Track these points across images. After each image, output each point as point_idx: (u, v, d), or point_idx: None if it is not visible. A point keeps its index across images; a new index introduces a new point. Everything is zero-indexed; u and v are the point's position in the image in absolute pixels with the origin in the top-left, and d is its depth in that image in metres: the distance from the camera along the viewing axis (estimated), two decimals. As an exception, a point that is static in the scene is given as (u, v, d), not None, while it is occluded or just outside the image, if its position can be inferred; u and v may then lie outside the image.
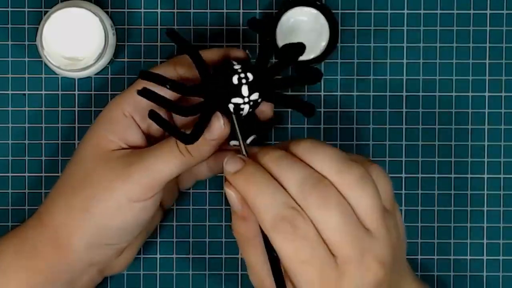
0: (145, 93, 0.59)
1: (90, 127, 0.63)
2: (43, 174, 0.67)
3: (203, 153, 0.59)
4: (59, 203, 0.60)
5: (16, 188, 0.67)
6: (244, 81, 0.59)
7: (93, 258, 0.61)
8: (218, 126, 0.59)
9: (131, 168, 0.59)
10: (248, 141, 0.62)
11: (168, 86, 0.59)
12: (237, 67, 0.60)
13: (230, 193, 0.57)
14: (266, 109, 0.63)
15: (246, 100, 0.60)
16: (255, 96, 0.60)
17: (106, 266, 0.64)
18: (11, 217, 0.68)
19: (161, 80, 0.59)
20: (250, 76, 0.60)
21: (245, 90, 0.59)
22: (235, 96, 0.60)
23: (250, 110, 0.61)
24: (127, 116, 0.61)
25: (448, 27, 0.68)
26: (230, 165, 0.57)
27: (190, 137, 0.58)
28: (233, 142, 0.61)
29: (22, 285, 0.60)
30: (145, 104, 0.60)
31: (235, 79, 0.59)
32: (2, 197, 0.68)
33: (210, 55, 0.63)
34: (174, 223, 0.69)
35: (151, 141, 0.63)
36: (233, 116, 0.62)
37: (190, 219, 0.69)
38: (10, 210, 0.68)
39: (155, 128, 0.62)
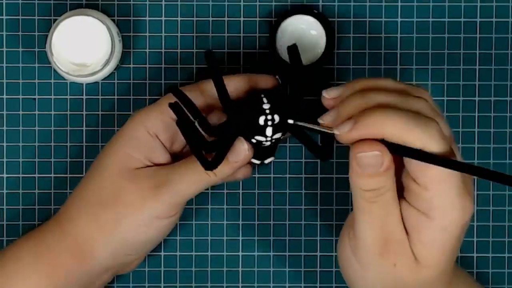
0: (177, 109, 0.59)
1: (113, 141, 0.63)
2: (52, 175, 0.68)
3: (225, 174, 0.61)
4: (86, 215, 0.61)
5: (27, 189, 0.68)
6: (270, 123, 0.60)
7: (112, 265, 0.63)
8: (243, 150, 0.60)
9: (161, 190, 0.60)
10: (267, 161, 0.63)
11: (196, 122, 0.59)
12: (266, 106, 0.60)
13: (375, 154, 0.54)
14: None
15: (269, 139, 0.61)
16: (278, 135, 0.61)
17: (121, 269, 0.65)
18: (22, 220, 0.69)
19: (193, 112, 0.59)
20: (276, 118, 0.60)
21: (269, 131, 0.60)
22: (258, 135, 0.60)
23: (272, 144, 0.62)
24: (152, 136, 0.61)
25: (440, 34, 0.69)
26: (348, 126, 0.54)
27: (212, 164, 0.59)
28: (252, 160, 0.62)
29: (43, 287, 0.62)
30: (171, 124, 0.61)
31: (261, 120, 0.59)
32: (14, 196, 0.68)
33: (237, 82, 0.63)
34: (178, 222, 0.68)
35: (174, 155, 0.64)
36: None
37: (193, 219, 0.69)
38: (20, 210, 0.68)
39: (177, 146, 0.63)
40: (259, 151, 0.62)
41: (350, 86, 0.57)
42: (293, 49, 0.62)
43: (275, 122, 0.60)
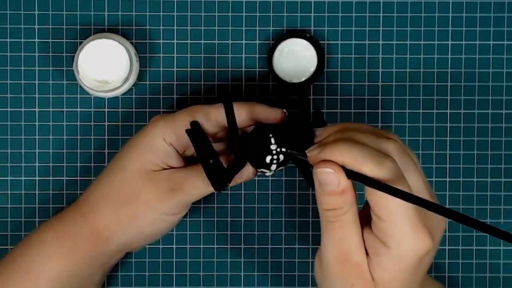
0: (194, 135, 0.62)
1: (133, 145, 0.65)
2: (78, 178, 0.71)
3: (229, 185, 0.63)
4: (105, 209, 0.64)
5: (56, 189, 0.71)
6: (275, 161, 0.62)
7: (125, 249, 0.66)
8: (247, 174, 0.63)
9: (175, 192, 0.63)
10: (267, 174, 0.64)
11: (211, 161, 0.61)
12: (273, 147, 0.61)
13: (328, 171, 0.55)
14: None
15: (272, 172, 0.63)
16: (280, 168, 0.63)
17: (131, 250, 0.68)
18: (51, 213, 0.72)
19: (209, 151, 0.61)
20: (281, 157, 0.61)
21: (274, 167, 0.62)
22: (264, 168, 0.62)
23: (275, 171, 0.63)
24: (168, 145, 0.64)
25: (416, 55, 0.72)
26: (317, 151, 0.56)
27: (221, 187, 0.61)
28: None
29: (66, 268, 0.63)
30: (183, 135, 0.63)
31: (268, 159, 0.61)
32: (44, 196, 0.71)
33: (245, 111, 0.64)
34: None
35: (185, 158, 0.66)
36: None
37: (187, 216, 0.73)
38: (51, 208, 0.72)
39: (189, 152, 0.66)
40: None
41: (334, 126, 0.59)
42: (317, 114, 0.63)
43: (280, 161, 0.62)
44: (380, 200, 0.53)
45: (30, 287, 0.63)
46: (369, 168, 0.53)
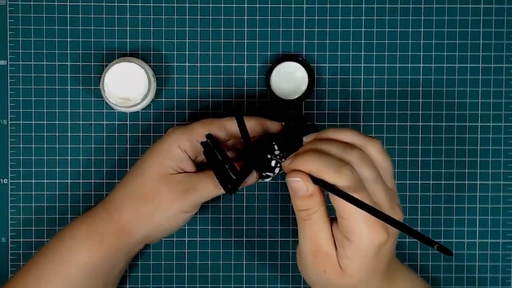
0: (208, 146, 0.63)
1: (152, 152, 0.65)
2: (104, 181, 0.72)
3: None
4: (127, 207, 0.65)
5: (85, 191, 0.72)
6: (278, 165, 0.63)
7: (145, 241, 0.67)
8: (252, 178, 0.64)
9: (187, 193, 0.63)
10: (266, 180, 0.66)
11: (227, 166, 0.62)
12: (277, 152, 0.63)
13: (297, 180, 0.57)
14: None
15: (275, 174, 0.64)
16: (280, 172, 0.64)
17: (150, 242, 0.68)
18: (81, 211, 0.72)
19: (224, 158, 0.62)
20: (283, 161, 0.61)
21: (277, 170, 0.63)
22: (268, 171, 0.63)
23: (276, 175, 0.64)
24: (183, 152, 0.64)
25: (392, 76, 0.72)
26: (289, 161, 0.58)
27: (231, 191, 0.62)
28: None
29: (94, 259, 0.64)
30: (196, 144, 0.64)
31: (273, 163, 0.63)
32: (75, 196, 0.73)
33: (252, 124, 0.65)
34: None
35: (197, 164, 0.66)
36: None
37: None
38: (81, 207, 0.73)
39: (200, 158, 0.66)
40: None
41: (310, 136, 0.60)
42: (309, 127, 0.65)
43: (282, 164, 0.62)
44: (341, 203, 0.56)
45: (64, 274, 0.64)
46: (329, 176, 0.55)
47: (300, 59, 0.70)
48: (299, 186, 0.57)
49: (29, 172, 0.72)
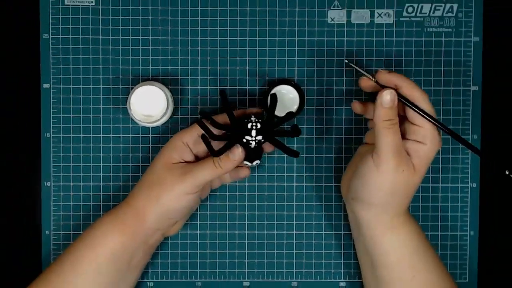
0: (202, 127, 0.68)
1: (162, 148, 0.70)
2: (130, 184, 0.77)
3: (228, 167, 0.69)
4: (141, 193, 0.69)
5: (114, 191, 0.77)
6: (254, 127, 0.67)
7: (159, 226, 0.70)
8: (238, 152, 0.68)
9: (186, 176, 0.68)
10: (254, 163, 0.69)
11: (212, 138, 0.67)
12: (252, 118, 0.68)
13: (391, 92, 0.65)
14: (266, 146, 0.72)
15: (253, 139, 0.68)
16: (259, 137, 0.68)
17: (166, 231, 0.73)
18: (111, 207, 0.76)
19: (208, 133, 0.68)
20: (258, 125, 0.68)
21: (253, 133, 0.67)
22: (247, 135, 0.68)
23: (256, 145, 0.68)
24: (185, 145, 0.69)
25: (366, 97, 0.76)
26: (386, 73, 0.66)
27: (217, 153, 0.67)
28: (245, 162, 0.70)
29: (117, 243, 0.68)
30: (196, 138, 0.69)
31: (249, 125, 0.68)
32: (107, 197, 0.77)
33: (239, 112, 0.71)
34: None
35: (198, 158, 0.71)
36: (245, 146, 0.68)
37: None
38: (111, 205, 0.77)
39: (200, 152, 0.71)
40: (249, 154, 0.69)
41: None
42: (273, 97, 0.70)
43: (258, 128, 0.67)
44: (419, 117, 0.65)
45: (94, 255, 0.68)
46: (418, 92, 0.65)
47: (293, 82, 0.74)
48: (391, 98, 0.65)
49: (68, 176, 0.77)
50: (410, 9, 0.77)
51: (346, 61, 0.70)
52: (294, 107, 0.74)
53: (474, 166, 0.78)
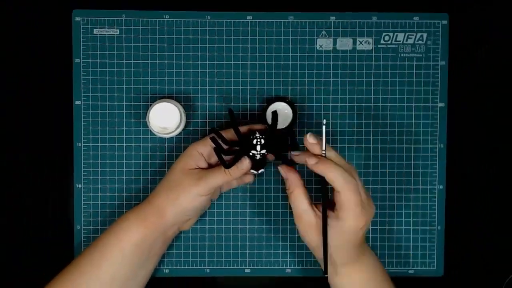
0: (214, 142, 0.73)
1: (180, 156, 0.75)
2: (149, 186, 0.84)
3: (236, 175, 0.74)
4: (162, 194, 0.74)
5: (135, 192, 0.84)
6: (258, 143, 0.72)
7: (176, 221, 0.76)
8: (246, 163, 0.73)
9: (200, 180, 0.73)
10: (260, 171, 0.75)
11: (223, 153, 0.71)
12: (257, 135, 0.72)
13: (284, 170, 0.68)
14: (270, 157, 0.78)
15: (258, 152, 0.72)
16: (263, 151, 0.73)
17: (182, 225, 0.79)
18: (133, 206, 0.81)
19: (219, 148, 0.72)
20: (262, 141, 0.72)
21: (258, 147, 0.72)
22: (253, 150, 0.72)
23: (261, 157, 0.73)
24: (200, 154, 0.75)
25: (351, 112, 0.83)
26: (312, 159, 0.68)
27: (228, 166, 0.71)
28: (251, 171, 0.75)
29: (139, 235, 0.73)
30: (209, 149, 0.74)
31: (254, 141, 0.72)
32: (129, 197, 0.83)
33: (245, 129, 0.76)
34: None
35: (211, 165, 0.76)
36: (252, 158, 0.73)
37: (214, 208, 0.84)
38: (132, 204, 0.84)
39: (213, 160, 0.76)
40: (255, 164, 0.73)
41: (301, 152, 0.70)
42: (274, 115, 0.75)
43: (262, 143, 0.72)
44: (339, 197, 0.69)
45: (118, 247, 0.73)
46: (339, 182, 0.68)
47: (287, 100, 0.81)
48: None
49: (96, 179, 0.84)
50: (386, 38, 0.84)
51: (324, 122, 0.73)
52: (288, 121, 0.82)
53: (440, 170, 0.85)
